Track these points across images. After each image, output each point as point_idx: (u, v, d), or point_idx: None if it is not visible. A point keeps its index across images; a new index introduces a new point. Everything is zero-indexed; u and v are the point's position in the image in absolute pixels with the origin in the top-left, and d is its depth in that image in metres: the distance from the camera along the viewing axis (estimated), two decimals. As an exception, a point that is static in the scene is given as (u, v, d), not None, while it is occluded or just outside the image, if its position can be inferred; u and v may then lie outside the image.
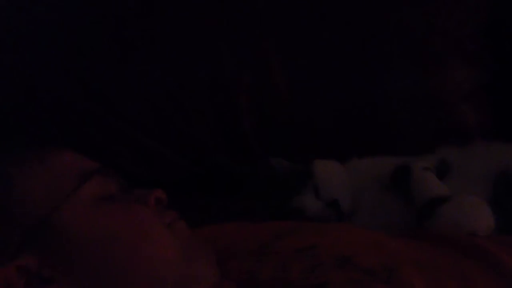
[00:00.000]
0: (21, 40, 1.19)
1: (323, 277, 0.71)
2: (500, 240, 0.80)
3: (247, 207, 1.08)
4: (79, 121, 1.16)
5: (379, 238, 0.81)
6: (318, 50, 1.20)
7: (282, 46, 1.20)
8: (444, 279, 0.71)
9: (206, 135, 1.19)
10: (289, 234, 0.83)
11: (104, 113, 1.17)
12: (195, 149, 1.19)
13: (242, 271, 0.77)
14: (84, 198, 0.72)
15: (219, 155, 1.19)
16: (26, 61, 1.18)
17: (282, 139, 1.19)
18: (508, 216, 0.84)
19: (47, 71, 1.17)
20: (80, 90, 1.17)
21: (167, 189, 0.80)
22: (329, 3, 1.21)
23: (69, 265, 0.69)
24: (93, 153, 0.80)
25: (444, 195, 0.86)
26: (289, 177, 1.04)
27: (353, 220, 0.96)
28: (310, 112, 1.19)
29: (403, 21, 1.20)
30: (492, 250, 0.75)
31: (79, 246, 0.69)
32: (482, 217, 0.83)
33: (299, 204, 0.98)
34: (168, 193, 0.79)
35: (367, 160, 1.03)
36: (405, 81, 1.18)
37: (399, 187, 0.93)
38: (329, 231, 0.84)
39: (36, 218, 0.69)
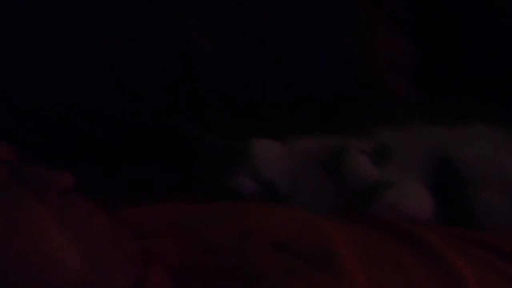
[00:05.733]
0: None
1: (258, 266, 0.67)
2: (439, 229, 0.79)
3: (183, 185, 1.04)
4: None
5: (317, 222, 0.78)
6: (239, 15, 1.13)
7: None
8: (382, 267, 0.69)
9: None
10: (223, 217, 0.79)
11: None
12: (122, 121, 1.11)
13: (175, 253, 0.71)
14: None
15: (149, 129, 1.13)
16: None
17: (214, 112, 1.13)
18: (448, 202, 0.83)
19: None
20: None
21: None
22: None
23: None
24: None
25: (383, 181, 0.84)
26: (225, 155, 1.00)
27: (292, 203, 0.92)
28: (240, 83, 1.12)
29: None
30: (430, 238, 0.73)
31: None
32: (422, 204, 0.82)
33: (234, 184, 0.94)
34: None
35: (307, 140, 1.00)
36: (332, 48, 1.14)
37: (336, 169, 0.90)
38: (265, 215, 0.80)
39: None
